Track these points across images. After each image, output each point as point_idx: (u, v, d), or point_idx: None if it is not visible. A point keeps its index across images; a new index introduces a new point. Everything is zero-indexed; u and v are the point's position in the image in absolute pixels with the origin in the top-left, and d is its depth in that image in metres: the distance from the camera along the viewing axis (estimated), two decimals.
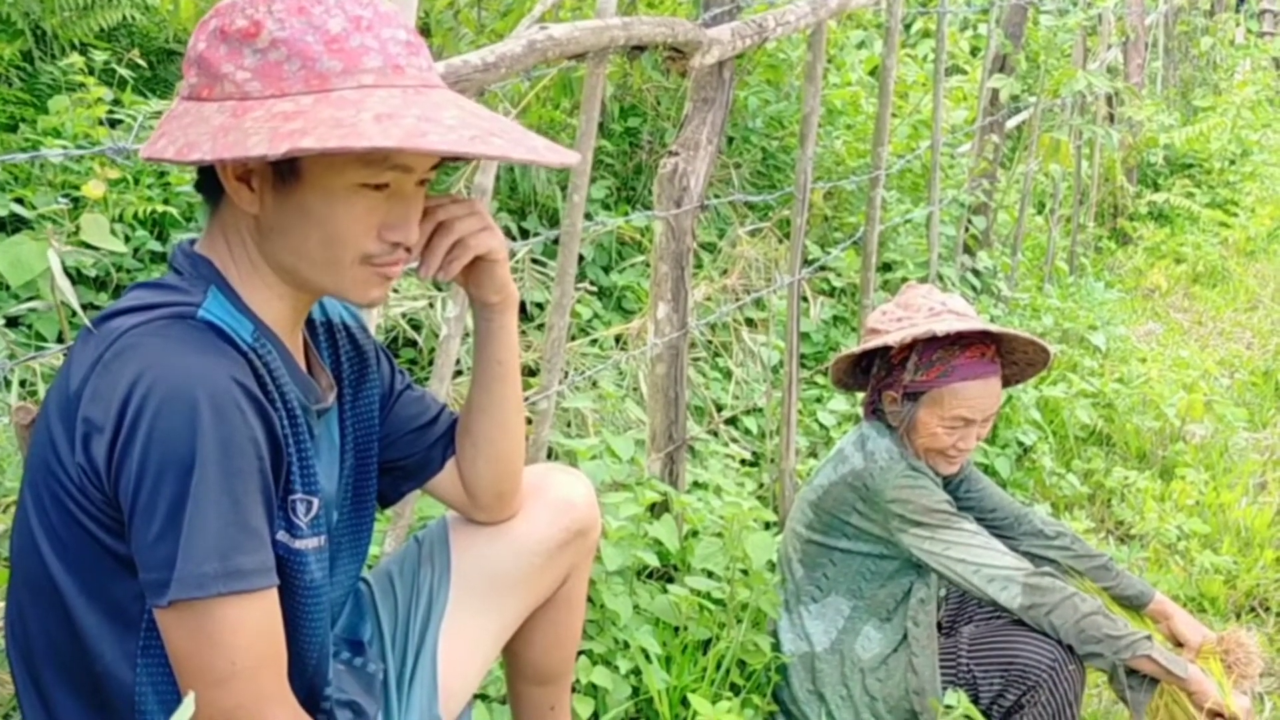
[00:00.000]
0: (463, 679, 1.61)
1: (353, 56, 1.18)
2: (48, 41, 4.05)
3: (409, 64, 1.21)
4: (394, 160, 1.23)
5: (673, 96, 4.52)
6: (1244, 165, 8.41)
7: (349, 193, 1.23)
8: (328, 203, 1.23)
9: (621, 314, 3.86)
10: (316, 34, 1.18)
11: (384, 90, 1.18)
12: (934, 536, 2.22)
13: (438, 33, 3.88)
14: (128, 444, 1.15)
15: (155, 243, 3.19)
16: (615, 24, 2.10)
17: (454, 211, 1.37)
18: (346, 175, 1.22)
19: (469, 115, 1.20)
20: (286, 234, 1.25)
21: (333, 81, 1.18)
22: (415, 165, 1.25)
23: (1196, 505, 3.59)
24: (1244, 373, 5.03)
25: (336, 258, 1.26)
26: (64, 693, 1.27)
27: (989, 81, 4.78)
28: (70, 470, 1.19)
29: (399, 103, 1.17)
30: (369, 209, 1.24)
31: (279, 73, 1.18)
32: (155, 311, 1.21)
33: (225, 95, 1.19)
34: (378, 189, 1.24)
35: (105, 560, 1.21)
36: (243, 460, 1.17)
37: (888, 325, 2.30)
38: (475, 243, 1.39)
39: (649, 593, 2.41)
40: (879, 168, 3.57)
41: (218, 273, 1.28)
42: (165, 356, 1.17)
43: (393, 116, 1.14)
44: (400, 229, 1.27)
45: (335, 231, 1.24)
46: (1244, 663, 2.24)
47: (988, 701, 2.25)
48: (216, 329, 1.23)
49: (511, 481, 1.59)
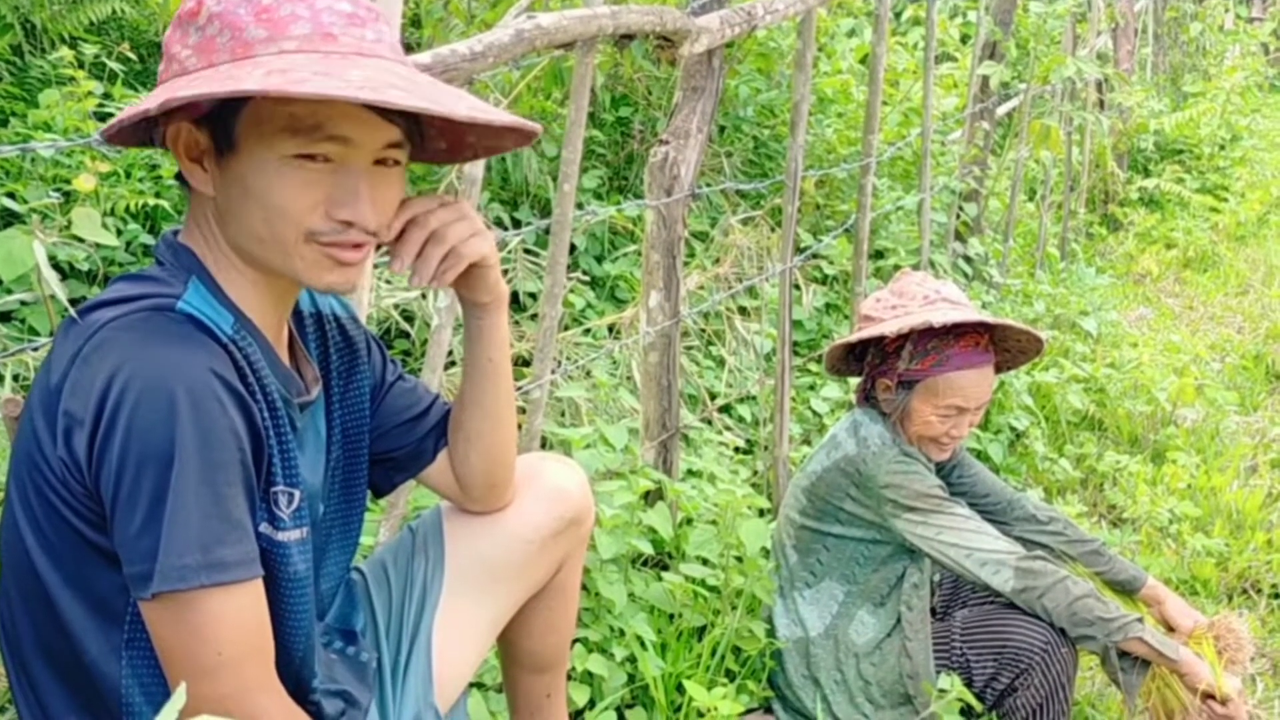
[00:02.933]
0: (458, 667, 1.61)
1: (279, 25, 1.18)
2: (37, 35, 4.03)
3: (345, 33, 1.20)
4: (327, 130, 1.20)
5: (664, 85, 4.52)
6: (1234, 150, 8.43)
7: (282, 164, 1.21)
8: (263, 175, 1.21)
9: (614, 303, 3.86)
10: (249, 6, 1.19)
11: (304, 55, 1.17)
12: (926, 521, 2.23)
13: (428, 23, 3.87)
14: (107, 438, 1.14)
15: (147, 236, 3.18)
16: (603, 13, 2.10)
17: (444, 217, 1.35)
18: (276, 146, 1.20)
19: (384, 74, 1.16)
20: (235, 213, 1.24)
21: (255, 49, 1.18)
22: (356, 138, 1.21)
23: (1188, 489, 3.60)
24: (1234, 357, 5.05)
25: (279, 235, 1.23)
26: (52, 684, 1.27)
27: (979, 68, 4.78)
28: (52, 464, 1.19)
29: (304, 62, 1.15)
30: (306, 182, 1.21)
31: (212, 46, 1.19)
32: (135, 304, 1.21)
33: (172, 74, 1.22)
34: (314, 160, 1.21)
35: (88, 553, 1.21)
36: (223, 452, 1.16)
37: (882, 313, 2.30)
38: (468, 250, 1.37)
39: (644, 580, 2.42)
40: (870, 155, 3.58)
41: (199, 263, 1.28)
42: (143, 350, 1.16)
43: (285, 72, 1.13)
44: (348, 206, 1.22)
45: (274, 206, 1.21)
46: (1234, 648, 2.25)
47: (981, 685, 2.26)
48: (196, 321, 1.22)
49: (504, 473, 1.59)
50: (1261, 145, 8.82)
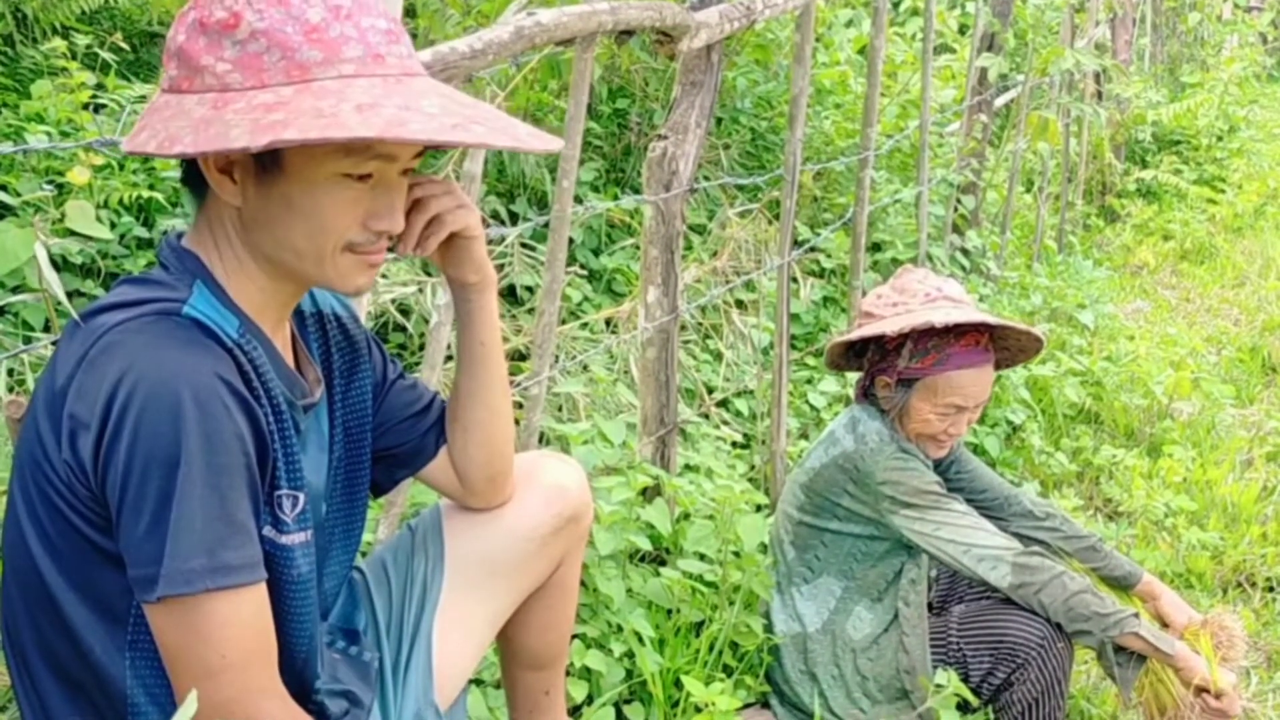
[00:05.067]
0: (458, 665, 1.62)
1: (333, 46, 1.18)
2: (28, 25, 4.01)
3: (389, 52, 1.21)
4: (376, 150, 1.22)
5: (661, 77, 4.51)
6: (1231, 141, 8.43)
7: (332, 183, 1.22)
8: (311, 194, 1.22)
9: (611, 296, 3.86)
10: (296, 24, 1.18)
11: (365, 80, 1.18)
12: (924, 517, 2.23)
13: (424, 15, 3.85)
14: (113, 441, 1.15)
15: (141, 228, 3.17)
16: (603, 9, 2.09)
17: (430, 190, 1.37)
18: (329, 166, 1.22)
19: (450, 103, 1.20)
20: (270, 226, 1.25)
21: (313, 72, 1.17)
22: (398, 154, 1.25)
23: (1184, 482, 3.61)
24: (1231, 349, 5.05)
25: (320, 248, 1.25)
26: (56, 685, 1.28)
27: (977, 60, 4.78)
28: (57, 466, 1.19)
29: (380, 92, 1.17)
30: (353, 199, 1.24)
31: (259, 64, 1.17)
32: (141, 308, 1.21)
33: (206, 87, 1.18)
34: (361, 179, 1.24)
35: (93, 555, 1.22)
36: (228, 456, 1.17)
37: (883, 310, 2.30)
38: (451, 219, 1.39)
39: (641, 576, 2.42)
40: (868, 148, 3.57)
41: (204, 267, 1.28)
42: (150, 354, 1.17)
43: (374, 106, 1.14)
44: (385, 218, 1.26)
45: (319, 222, 1.24)
46: (1227, 645, 2.26)
47: (978, 679, 2.27)
48: (202, 326, 1.23)
49: (502, 464, 1.59)
50: (1259, 136, 8.82)
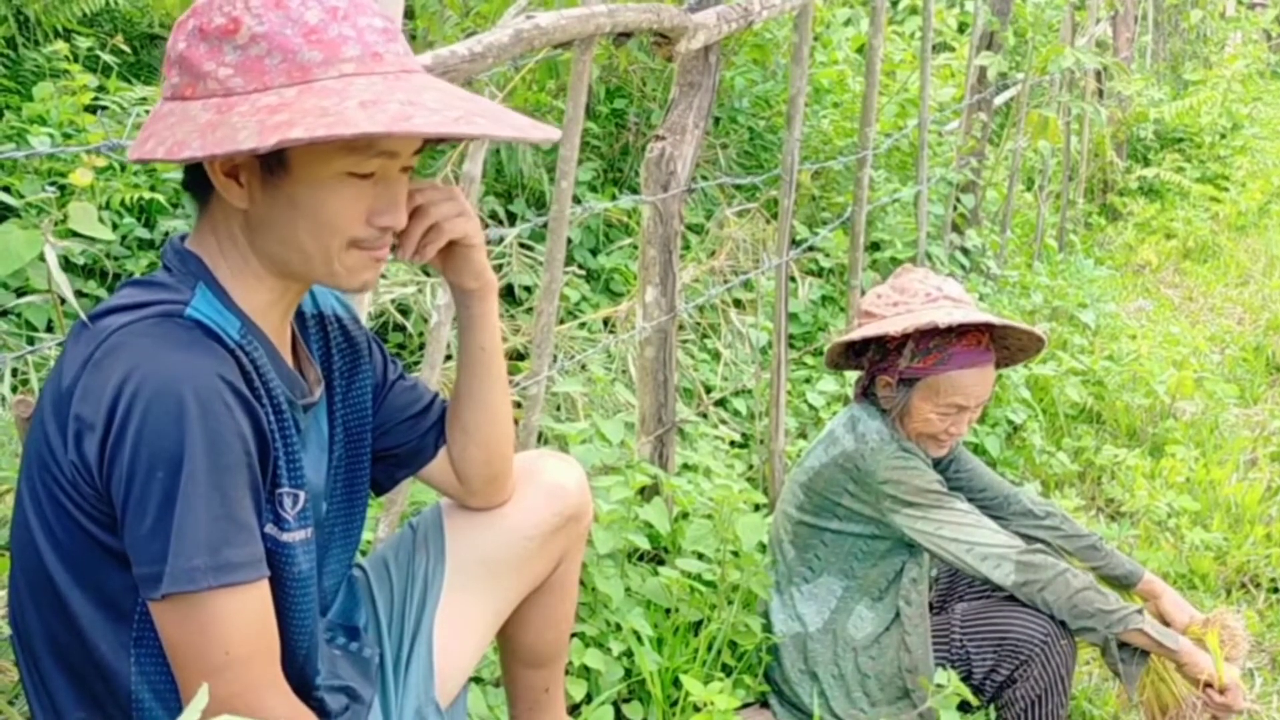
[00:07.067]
0: (458, 662, 1.63)
1: (332, 46, 1.20)
2: (30, 28, 4.02)
3: (387, 50, 1.23)
4: (380, 146, 1.24)
5: (659, 77, 4.51)
6: (1234, 139, 8.40)
7: (337, 181, 1.24)
8: (316, 192, 1.24)
9: (609, 296, 3.86)
10: (295, 27, 1.20)
11: (365, 78, 1.20)
12: (926, 516, 2.23)
13: (422, 16, 3.85)
14: (118, 442, 1.17)
15: (143, 229, 3.18)
16: (601, 11, 2.10)
17: (431, 196, 1.39)
18: (333, 164, 1.23)
19: (450, 97, 1.22)
20: (276, 226, 1.27)
21: (314, 72, 1.19)
22: (400, 150, 1.27)
23: (1187, 482, 3.60)
24: (1234, 348, 5.03)
25: (327, 246, 1.27)
26: (62, 681, 1.30)
27: (977, 58, 4.77)
28: (63, 466, 1.21)
29: (381, 89, 1.19)
30: (357, 196, 1.26)
31: (261, 67, 1.19)
32: (144, 310, 1.23)
33: (209, 93, 1.20)
34: (364, 177, 1.25)
35: (98, 553, 1.24)
36: (230, 455, 1.19)
37: (884, 310, 2.30)
38: (450, 227, 1.41)
39: (640, 575, 2.43)
40: (866, 147, 3.57)
41: (206, 270, 1.30)
42: (153, 355, 1.19)
43: (377, 103, 1.16)
44: (388, 214, 1.29)
45: (325, 221, 1.26)
46: (1230, 643, 2.25)
47: (980, 677, 2.27)
48: (204, 327, 1.25)
49: (502, 465, 1.61)
50: (1263, 134, 8.80)
